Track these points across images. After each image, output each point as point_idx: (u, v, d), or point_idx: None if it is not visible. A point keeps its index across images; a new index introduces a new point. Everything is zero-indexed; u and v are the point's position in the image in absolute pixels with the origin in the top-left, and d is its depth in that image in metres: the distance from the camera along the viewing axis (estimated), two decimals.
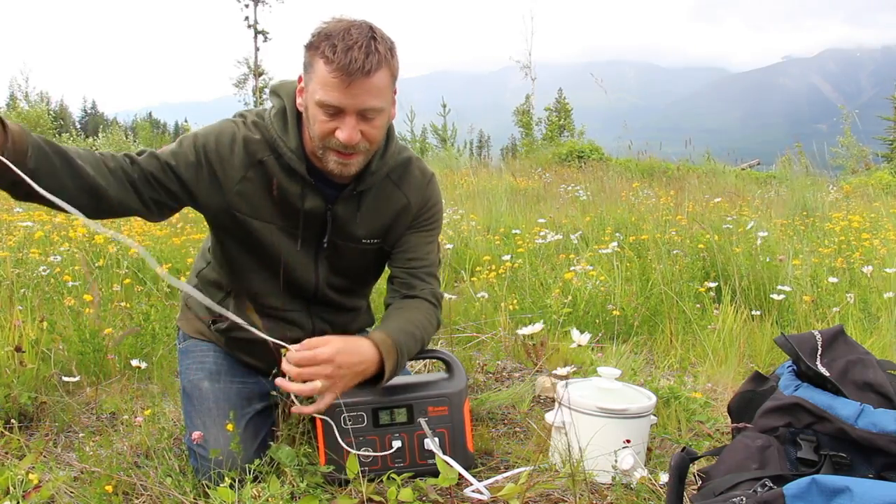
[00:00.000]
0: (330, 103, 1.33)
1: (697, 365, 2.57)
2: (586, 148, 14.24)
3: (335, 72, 1.30)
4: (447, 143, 16.12)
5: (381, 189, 1.57)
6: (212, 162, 1.46)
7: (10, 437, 1.69)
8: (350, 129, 1.35)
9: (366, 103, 1.34)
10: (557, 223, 4.98)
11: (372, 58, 1.31)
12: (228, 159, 1.47)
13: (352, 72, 1.29)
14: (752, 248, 3.54)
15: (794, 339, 1.28)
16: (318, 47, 1.33)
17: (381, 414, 1.56)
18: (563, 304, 2.83)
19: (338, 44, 1.30)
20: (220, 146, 1.47)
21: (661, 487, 1.49)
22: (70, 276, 2.89)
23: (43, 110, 17.59)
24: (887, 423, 1.09)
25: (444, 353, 1.67)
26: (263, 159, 1.48)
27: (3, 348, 2.04)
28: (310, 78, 1.37)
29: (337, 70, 1.30)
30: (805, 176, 7.64)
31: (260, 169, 1.48)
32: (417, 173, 1.62)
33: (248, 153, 1.47)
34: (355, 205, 1.55)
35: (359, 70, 1.29)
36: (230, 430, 1.47)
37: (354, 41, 1.30)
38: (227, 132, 1.48)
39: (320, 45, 1.32)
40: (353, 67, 1.29)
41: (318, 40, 1.33)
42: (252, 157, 1.47)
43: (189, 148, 1.46)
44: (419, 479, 1.49)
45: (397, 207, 1.60)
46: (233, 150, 1.47)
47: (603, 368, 1.73)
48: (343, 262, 1.62)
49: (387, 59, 1.35)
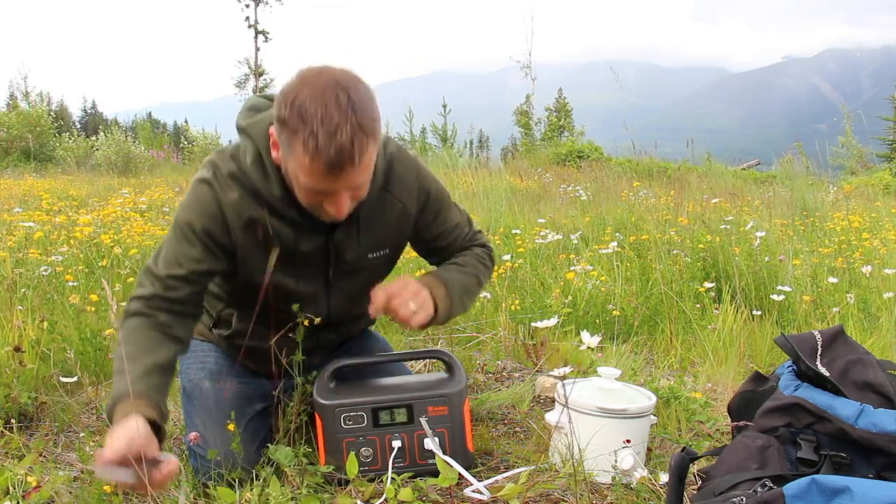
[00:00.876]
0: (315, 189, 1.25)
1: (697, 365, 2.57)
2: (586, 148, 14.24)
3: (320, 166, 1.20)
4: (447, 143, 16.11)
5: (375, 203, 1.49)
6: (209, 238, 1.40)
7: (10, 437, 1.69)
8: (340, 205, 1.29)
9: (355, 181, 1.26)
10: (557, 223, 4.98)
11: (357, 145, 1.19)
12: (221, 232, 1.40)
13: (339, 164, 1.19)
14: (752, 248, 3.54)
15: (794, 339, 1.28)
16: (294, 131, 1.19)
17: (381, 414, 1.56)
18: (563, 304, 2.83)
19: (319, 133, 1.17)
20: (206, 222, 1.39)
21: (661, 487, 1.49)
22: (72, 275, 2.90)
23: (43, 111, 17.57)
24: (887, 423, 1.09)
25: (444, 353, 1.67)
26: (252, 216, 1.40)
27: (3, 348, 2.04)
28: (289, 154, 1.24)
29: (322, 165, 1.19)
30: (805, 176, 7.64)
31: (251, 228, 1.41)
32: (401, 169, 1.53)
33: (236, 217, 1.40)
34: (354, 227, 1.50)
35: (347, 161, 1.19)
36: (231, 429, 1.47)
37: (337, 126, 1.17)
38: (208, 203, 1.39)
39: (297, 129, 1.18)
40: (339, 161, 1.19)
41: (294, 120, 1.19)
42: (240, 220, 1.40)
43: (184, 241, 1.40)
44: (419, 479, 1.49)
45: (395, 215, 1.54)
46: (220, 221, 1.40)
47: (603, 368, 1.73)
48: (353, 282, 1.58)
49: (372, 133, 1.22)
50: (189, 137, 17.09)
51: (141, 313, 1.39)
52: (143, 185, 8.88)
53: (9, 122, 16.14)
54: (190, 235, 1.40)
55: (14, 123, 16.10)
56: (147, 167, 13.94)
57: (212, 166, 1.43)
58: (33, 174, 11.61)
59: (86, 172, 12.60)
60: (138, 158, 14.29)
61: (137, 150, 14.81)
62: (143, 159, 14.48)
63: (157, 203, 6.07)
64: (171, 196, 6.97)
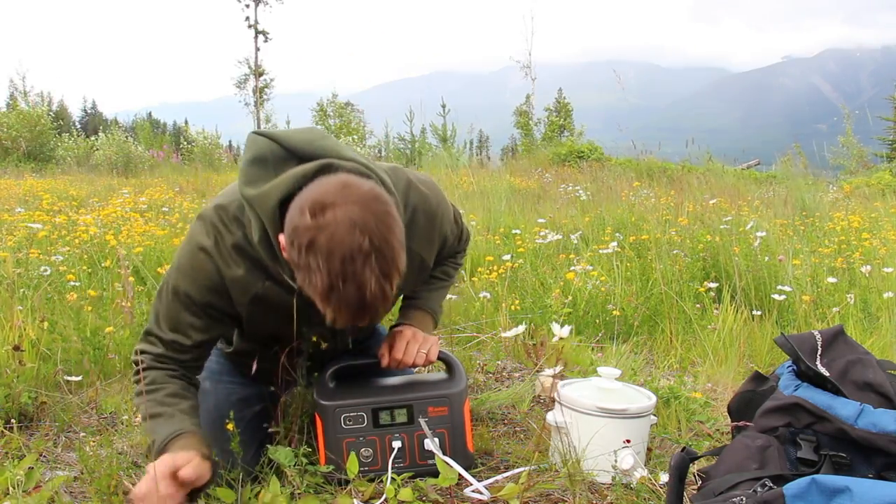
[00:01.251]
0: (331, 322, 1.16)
1: (697, 365, 2.57)
2: (586, 148, 14.24)
3: (341, 319, 1.12)
4: (447, 143, 16.11)
5: None
6: (212, 309, 1.34)
7: (10, 437, 1.69)
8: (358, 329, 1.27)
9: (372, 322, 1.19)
10: (557, 223, 4.99)
11: (383, 302, 1.11)
12: (224, 304, 1.33)
13: (360, 319, 1.13)
14: (752, 247, 3.55)
15: (793, 339, 1.29)
16: (311, 278, 1.09)
17: (381, 414, 1.56)
18: (563, 304, 2.83)
19: (340, 287, 1.07)
20: (208, 296, 1.31)
21: (661, 487, 1.49)
22: (74, 275, 2.90)
23: (43, 111, 17.56)
24: (887, 423, 1.09)
25: (444, 353, 1.67)
26: (258, 292, 1.32)
27: (3, 348, 2.04)
28: (306, 286, 1.12)
29: (343, 319, 1.13)
30: (805, 176, 7.65)
31: (258, 302, 1.34)
32: (423, 222, 1.44)
33: (242, 293, 1.32)
34: None
35: (367, 318, 1.14)
36: (230, 429, 1.47)
37: (361, 283, 1.07)
38: (209, 277, 1.30)
39: (315, 280, 1.08)
40: (361, 318, 1.13)
41: (313, 260, 1.07)
42: (246, 295, 1.32)
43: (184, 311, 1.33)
44: (419, 479, 1.49)
45: (415, 268, 1.47)
46: (224, 296, 1.32)
47: (603, 368, 1.73)
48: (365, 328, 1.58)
49: (397, 270, 1.12)
50: (189, 137, 17.08)
51: (155, 368, 1.37)
52: (143, 185, 8.88)
53: (8, 122, 16.13)
54: (191, 306, 1.33)
55: (14, 123, 16.10)
56: (147, 167, 13.95)
57: (213, 232, 1.30)
58: (33, 174, 11.61)
59: (86, 172, 12.60)
60: (138, 158, 14.29)
61: (137, 150, 14.81)
62: (143, 159, 14.48)
63: (157, 203, 6.08)
64: (170, 196, 6.98)
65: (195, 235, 1.31)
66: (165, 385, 1.37)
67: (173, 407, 1.34)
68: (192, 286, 1.31)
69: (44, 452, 1.74)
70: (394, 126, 19.21)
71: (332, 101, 19.70)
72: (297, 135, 1.26)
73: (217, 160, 15.55)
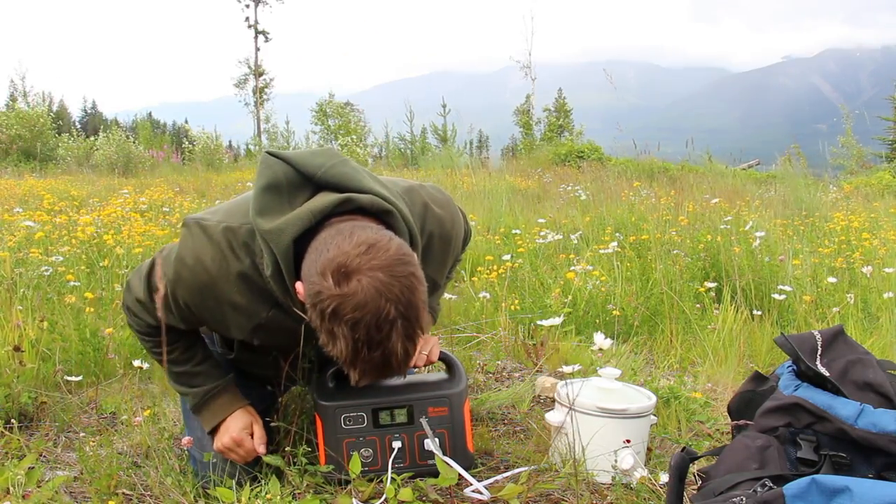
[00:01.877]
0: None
1: (697, 365, 2.57)
2: (586, 148, 14.24)
3: (366, 380, 1.11)
4: (447, 143, 16.12)
5: None
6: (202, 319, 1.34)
7: (10, 437, 1.69)
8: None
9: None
10: (557, 223, 4.98)
11: (405, 363, 1.10)
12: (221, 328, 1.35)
13: (384, 377, 1.13)
14: (751, 248, 3.55)
15: (793, 339, 1.28)
16: (336, 342, 1.06)
17: (381, 414, 1.56)
18: (563, 304, 2.83)
19: (365, 354, 1.06)
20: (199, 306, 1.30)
21: (661, 487, 1.49)
22: (73, 275, 2.90)
23: (43, 111, 17.56)
24: (887, 423, 1.09)
25: (444, 353, 1.67)
26: (261, 322, 1.31)
27: (3, 348, 2.04)
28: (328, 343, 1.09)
29: (364, 375, 1.11)
30: (804, 176, 7.65)
31: (261, 328, 1.33)
32: (438, 248, 1.43)
33: (245, 319, 1.31)
34: None
35: (393, 375, 1.13)
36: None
37: (387, 350, 1.06)
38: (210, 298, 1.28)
39: (340, 345, 1.06)
40: (386, 378, 1.15)
41: (337, 327, 1.05)
42: (249, 322, 1.31)
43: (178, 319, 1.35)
44: (419, 479, 1.49)
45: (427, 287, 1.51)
46: (222, 322, 1.32)
47: (603, 368, 1.73)
48: None
49: (421, 330, 1.10)
50: (189, 138, 17.08)
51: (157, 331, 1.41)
52: (144, 185, 8.88)
53: (8, 122, 16.13)
54: (187, 314, 1.32)
55: (14, 123, 16.09)
56: (147, 167, 13.95)
57: (219, 258, 1.25)
58: (33, 174, 11.61)
59: (86, 172, 12.60)
60: (138, 158, 14.28)
61: (137, 150, 14.80)
62: (143, 159, 14.47)
63: (158, 203, 6.08)
64: (170, 196, 6.98)
65: (200, 252, 1.25)
66: (174, 345, 1.44)
67: (191, 363, 1.47)
68: (190, 299, 1.29)
69: (44, 452, 1.75)
70: (394, 126, 19.20)
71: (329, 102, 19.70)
72: (312, 158, 1.23)
73: (218, 160, 15.56)
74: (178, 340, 1.45)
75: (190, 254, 1.26)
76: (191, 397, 1.49)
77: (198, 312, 1.31)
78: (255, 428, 1.50)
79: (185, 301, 1.30)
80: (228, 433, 1.47)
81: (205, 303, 1.28)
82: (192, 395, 1.49)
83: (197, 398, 1.48)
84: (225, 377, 1.51)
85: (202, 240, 1.25)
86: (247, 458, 1.49)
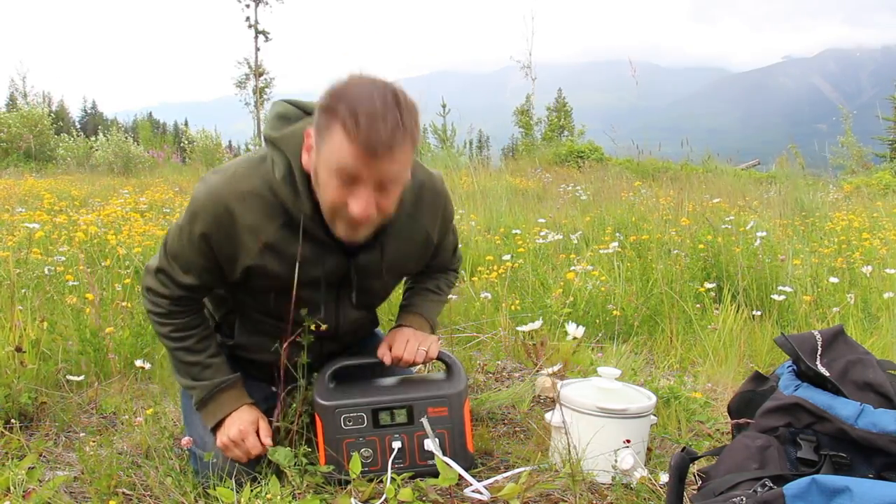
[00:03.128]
0: (347, 172, 1.21)
1: (697, 365, 2.57)
2: (586, 148, 14.23)
3: (356, 145, 1.18)
4: (447, 143, 16.11)
5: (400, 226, 1.47)
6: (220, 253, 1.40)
7: (10, 437, 1.69)
8: (364, 201, 1.24)
9: (385, 175, 1.23)
10: (557, 223, 4.99)
11: (397, 133, 1.19)
12: (235, 237, 1.38)
13: (375, 146, 1.18)
14: (752, 248, 3.55)
15: (794, 339, 1.28)
16: (336, 112, 1.19)
17: (381, 414, 1.56)
18: (563, 305, 2.83)
19: (360, 113, 1.17)
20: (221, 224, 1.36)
21: (661, 487, 1.49)
22: (72, 275, 2.90)
23: (42, 111, 17.55)
24: (887, 423, 1.09)
25: (444, 353, 1.67)
26: (270, 241, 1.37)
27: (3, 348, 2.04)
28: (323, 141, 1.23)
29: (359, 144, 1.18)
30: (804, 176, 7.65)
31: (268, 251, 1.39)
32: (430, 197, 1.51)
33: (253, 240, 1.37)
34: (378, 252, 1.48)
35: (383, 145, 1.18)
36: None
37: (379, 112, 1.17)
38: (222, 219, 1.36)
39: (339, 110, 1.19)
40: (376, 142, 1.17)
41: (337, 104, 1.19)
42: (257, 243, 1.37)
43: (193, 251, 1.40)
44: (419, 479, 1.49)
45: (419, 240, 1.54)
46: (235, 241, 1.37)
47: (603, 368, 1.73)
48: (367, 298, 1.59)
49: (412, 131, 1.22)
50: (189, 138, 17.07)
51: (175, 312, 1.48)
52: (144, 185, 8.87)
53: (8, 122, 16.12)
54: (204, 248, 1.39)
55: (13, 123, 16.09)
56: (147, 167, 13.94)
57: (230, 182, 1.36)
58: (33, 174, 11.61)
59: (86, 172, 12.60)
60: (138, 158, 14.27)
61: (137, 150, 14.79)
62: (143, 159, 14.46)
63: (158, 203, 6.08)
64: (170, 196, 6.98)
65: (212, 187, 1.37)
66: (192, 332, 1.50)
67: (205, 354, 1.51)
68: (207, 227, 1.36)
69: (44, 452, 1.75)
70: None
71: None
72: (315, 103, 1.36)
73: (218, 160, 15.55)
74: (195, 327, 1.50)
75: (203, 192, 1.37)
76: (198, 390, 1.51)
77: (215, 243, 1.37)
78: (261, 423, 1.53)
79: (202, 232, 1.36)
80: (236, 425, 1.49)
81: (220, 227, 1.36)
82: (199, 388, 1.50)
83: (205, 391, 1.50)
84: (234, 374, 1.54)
85: (213, 178, 1.38)
86: (249, 454, 1.49)
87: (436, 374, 1.72)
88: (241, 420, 1.50)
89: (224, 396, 1.52)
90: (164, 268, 1.45)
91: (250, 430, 1.50)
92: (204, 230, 1.36)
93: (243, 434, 1.49)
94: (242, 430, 1.49)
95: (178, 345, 1.50)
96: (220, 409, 1.51)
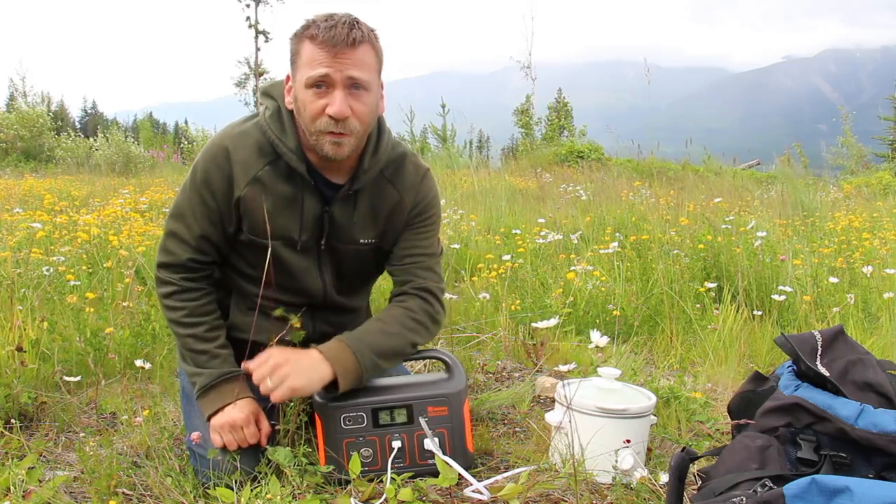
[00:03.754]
0: (318, 75, 1.37)
1: (697, 365, 2.56)
2: (586, 148, 14.23)
3: (320, 44, 1.36)
4: (447, 143, 16.10)
5: (375, 187, 1.58)
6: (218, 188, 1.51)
7: (10, 437, 1.69)
8: (339, 101, 1.37)
9: (352, 72, 1.37)
10: (557, 223, 4.98)
11: (355, 32, 1.37)
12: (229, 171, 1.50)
13: (337, 42, 1.35)
14: (752, 248, 3.54)
15: (794, 339, 1.29)
16: (302, 32, 1.40)
17: (380, 414, 1.56)
18: (563, 305, 2.83)
19: (321, 23, 1.37)
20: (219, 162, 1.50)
21: (661, 487, 1.49)
22: (73, 275, 2.89)
23: (42, 111, 17.55)
24: (887, 423, 1.09)
25: (443, 353, 1.67)
26: (258, 175, 1.49)
27: (3, 348, 2.04)
28: (296, 65, 1.41)
29: (322, 43, 1.36)
30: (804, 176, 7.65)
31: (255, 184, 1.50)
32: (411, 168, 1.62)
33: (243, 172, 1.49)
34: (351, 205, 1.56)
35: (343, 41, 1.35)
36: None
37: (338, 19, 1.38)
38: (218, 156, 1.50)
39: (305, 29, 1.40)
40: (337, 38, 1.35)
41: (302, 27, 1.41)
42: (247, 175, 1.49)
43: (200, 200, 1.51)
44: (419, 479, 1.49)
45: (391, 205, 1.60)
46: (232, 166, 1.49)
47: (603, 368, 1.73)
48: (343, 264, 1.64)
49: (370, 38, 1.41)
50: (189, 137, 17.06)
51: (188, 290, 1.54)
52: (144, 185, 8.87)
53: (8, 122, 16.12)
54: (207, 194, 1.50)
55: (13, 123, 16.09)
56: (147, 167, 13.94)
57: (227, 131, 1.53)
58: (33, 174, 11.61)
59: (86, 172, 12.60)
60: (138, 158, 14.27)
61: (137, 150, 14.79)
62: (144, 159, 14.46)
63: (158, 203, 6.07)
64: (171, 196, 6.97)
65: (213, 140, 1.53)
66: (203, 319, 1.55)
67: (214, 343, 1.54)
68: (208, 167, 1.49)
69: (44, 452, 1.74)
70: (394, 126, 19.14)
71: None
72: None
73: None
74: (207, 314, 1.55)
75: (204, 147, 1.54)
76: (203, 377, 1.52)
77: (213, 183, 1.49)
78: (261, 420, 1.53)
79: (203, 178, 1.49)
80: (236, 412, 1.49)
81: (217, 166, 1.49)
82: (205, 375, 1.52)
83: (210, 378, 1.52)
84: (240, 369, 1.54)
85: (214, 136, 1.55)
86: (246, 441, 1.49)
87: (435, 374, 1.72)
88: (241, 409, 1.51)
89: (227, 387, 1.52)
90: (172, 228, 1.54)
91: (251, 419, 1.50)
92: (204, 175, 1.49)
93: (244, 421, 1.49)
94: (244, 416, 1.49)
95: (188, 331, 1.53)
96: (221, 399, 1.51)
